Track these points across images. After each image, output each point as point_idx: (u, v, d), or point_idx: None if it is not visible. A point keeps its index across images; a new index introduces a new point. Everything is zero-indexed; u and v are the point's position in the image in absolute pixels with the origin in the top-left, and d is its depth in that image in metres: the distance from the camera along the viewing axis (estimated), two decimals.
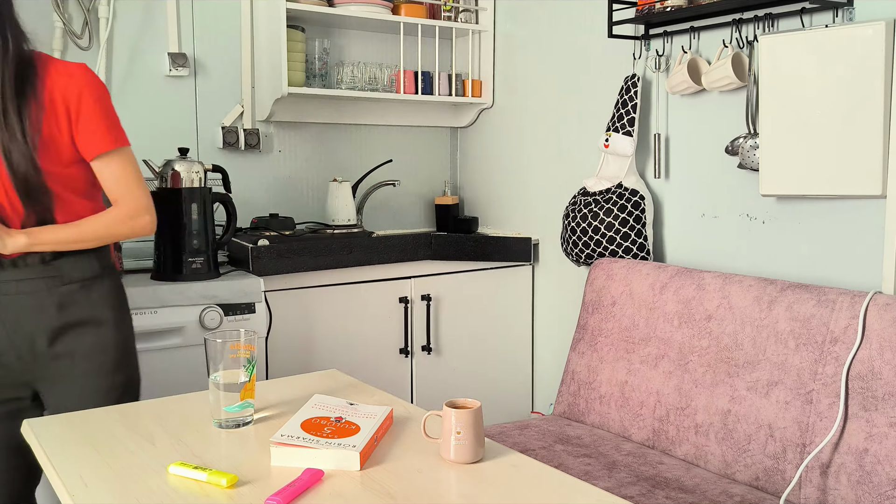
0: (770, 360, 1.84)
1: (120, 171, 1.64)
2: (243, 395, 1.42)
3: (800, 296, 1.84)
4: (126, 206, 1.65)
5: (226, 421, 1.41)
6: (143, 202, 1.68)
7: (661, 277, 2.14)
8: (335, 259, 2.55)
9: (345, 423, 1.34)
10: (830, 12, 1.99)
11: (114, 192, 1.65)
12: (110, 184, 1.65)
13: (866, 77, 1.83)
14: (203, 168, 2.34)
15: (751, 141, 2.13)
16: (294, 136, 3.01)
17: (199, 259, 2.30)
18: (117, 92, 2.65)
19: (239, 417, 1.42)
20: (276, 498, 1.11)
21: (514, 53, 3.08)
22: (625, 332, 2.18)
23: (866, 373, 1.67)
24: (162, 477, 1.22)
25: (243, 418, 1.43)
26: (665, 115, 2.46)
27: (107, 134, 1.61)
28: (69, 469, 1.25)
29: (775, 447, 1.79)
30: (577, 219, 2.46)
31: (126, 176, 1.65)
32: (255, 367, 1.45)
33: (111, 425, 1.44)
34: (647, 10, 2.31)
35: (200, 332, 2.21)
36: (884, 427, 1.63)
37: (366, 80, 2.95)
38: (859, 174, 1.87)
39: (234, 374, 1.41)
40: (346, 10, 2.82)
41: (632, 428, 2.10)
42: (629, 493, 1.77)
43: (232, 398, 1.41)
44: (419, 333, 2.76)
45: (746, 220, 2.26)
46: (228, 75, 2.84)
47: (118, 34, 2.64)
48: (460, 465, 1.27)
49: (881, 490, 1.60)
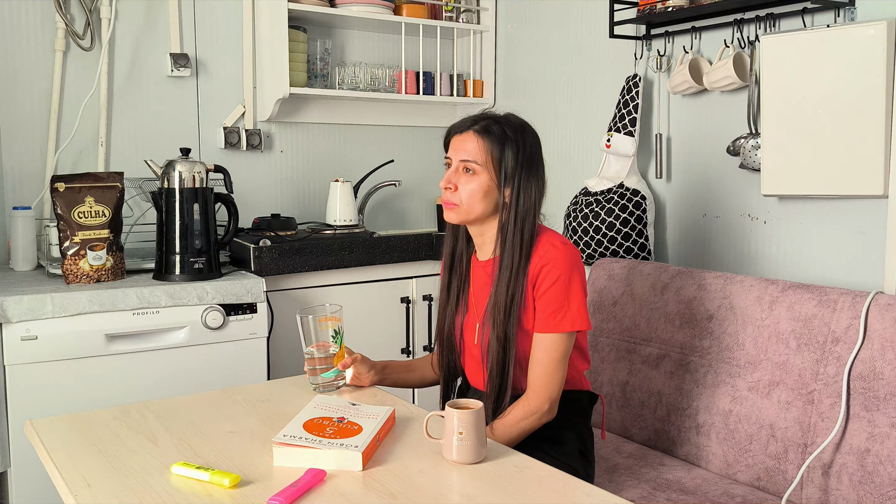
0: (771, 361, 1.84)
1: None
2: (336, 361, 1.62)
3: (801, 296, 1.84)
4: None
5: (324, 385, 1.63)
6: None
7: (663, 277, 2.14)
8: (336, 259, 2.55)
9: (347, 424, 1.35)
10: (832, 12, 1.99)
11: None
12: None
13: (868, 77, 1.83)
14: (205, 168, 2.34)
15: (752, 141, 2.13)
16: (295, 136, 3.01)
17: (200, 259, 2.30)
18: (119, 92, 2.65)
19: (334, 382, 1.64)
20: (278, 498, 1.12)
21: (516, 54, 3.08)
22: (626, 332, 2.18)
23: (868, 373, 1.67)
24: (164, 477, 1.22)
25: (337, 382, 1.64)
26: (666, 115, 2.46)
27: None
28: (72, 469, 1.25)
29: (777, 447, 1.79)
30: (579, 219, 2.46)
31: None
32: (343, 337, 1.65)
33: (114, 425, 1.44)
34: (648, 10, 2.31)
35: (202, 332, 2.21)
36: (885, 427, 1.63)
37: (367, 80, 2.96)
38: (861, 174, 1.87)
39: (324, 345, 1.61)
40: (348, 11, 2.82)
41: (633, 428, 2.10)
42: (630, 494, 1.78)
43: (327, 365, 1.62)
44: (421, 333, 2.76)
45: (748, 220, 2.26)
46: (230, 76, 2.85)
47: (120, 35, 2.64)
48: (462, 466, 1.27)
49: (883, 490, 1.60)
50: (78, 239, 2.20)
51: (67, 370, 2.07)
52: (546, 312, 1.58)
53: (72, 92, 2.57)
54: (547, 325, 1.58)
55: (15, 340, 2.00)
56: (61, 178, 2.22)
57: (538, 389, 1.58)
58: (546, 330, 1.58)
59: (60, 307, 2.05)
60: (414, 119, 3.23)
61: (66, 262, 2.20)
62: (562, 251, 1.59)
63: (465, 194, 1.60)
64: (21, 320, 2.00)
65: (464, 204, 1.60)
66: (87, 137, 2.60)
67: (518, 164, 1.59)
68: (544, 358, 1.58)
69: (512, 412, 1.58)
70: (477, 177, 1.59)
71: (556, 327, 1.58)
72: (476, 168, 1.59)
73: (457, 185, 1.60)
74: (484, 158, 1.59)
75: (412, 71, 3.01)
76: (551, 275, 1.57)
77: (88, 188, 2.24)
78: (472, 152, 1.59)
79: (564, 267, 1.58)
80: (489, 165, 1.59)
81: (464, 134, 1.62)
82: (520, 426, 1.57)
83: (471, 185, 1.59)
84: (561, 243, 1.61)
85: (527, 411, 1.57)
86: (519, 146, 1.60)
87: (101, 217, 2.24)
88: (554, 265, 1.58)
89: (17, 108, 2.50)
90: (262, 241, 2.47)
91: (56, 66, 2.53)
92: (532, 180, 1.61)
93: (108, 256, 2.24)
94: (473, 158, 1.59)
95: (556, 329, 1.58)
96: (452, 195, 1.61)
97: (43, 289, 2.10)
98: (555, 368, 1.58)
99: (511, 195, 1.60)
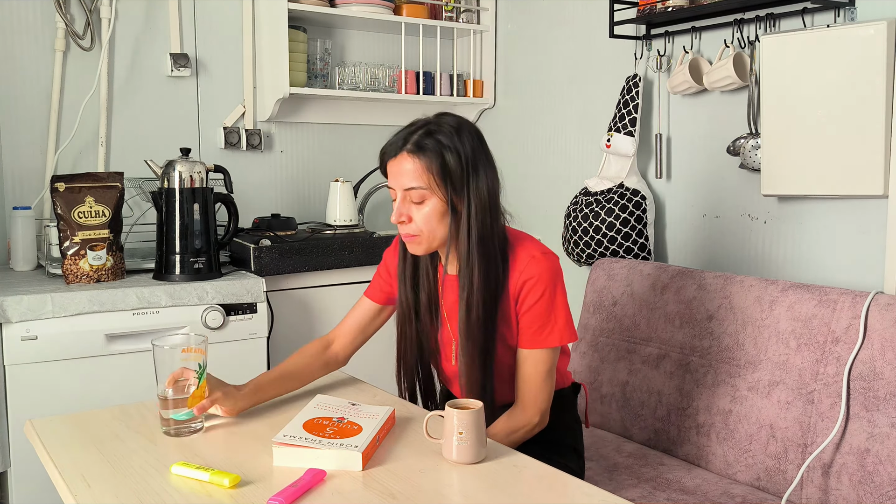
0: (771, 361, 1.84)
1: None
2: (191, 402, 1.38)
3: (801, 296, 1.84)
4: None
5: (175, 429, 1.39)
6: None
7: (663, 277, 2.14)
8: (336, 259, 2.55)
9: (347, 424, 1.35)
10: (832, 12, 1.99)
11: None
12: None
13: (868, 77, 1.83)
14: (205, 168, 2.34)
15: (752, 141, 2.13)
16: (296, 136, 3.01)
17: (200, 259, 2.30)
18: (119, 92, 2.65)
19: (188, 424, 1.39)
20: (278, 498, 1.12)
21: (516, 53, 3.08)
22: (626, 332, 2.18)
23: (868, 373, 1.67)
24: (164, 477, 1.22)
25: (193, 425, 1.40)
26: (667, 115, 2.46)
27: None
28: (72, 469, 1.25)
29: (777, 447, 1.79)
30: (579, 218, 2.46)
31: None
32: (205, 373, 1.40)
33: (114, 425, 1.44)
34: (648, 10, 2.31)
35: (203, 332, 2.21)
36: (885, 427, 1.62)
37: (367, 80, 2.96)
38: (861, 174, 1.86)
39: (184, 379, 1.38)
40: (348, 11, 2.82)
41: (633, 428, 2.10)
42: (630, 494, 1.78)
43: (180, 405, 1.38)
44: None
45: (748, 220, 2.26)
46: (230, 76, 2.85)
47: (120, 35, 2.64)
48: (462, 466, 1.27)
49: (883, 490, 1.60)
50: (78, 239, 2.20)
51: (67, 370, 2.07)
52: (532, 329, 1.51)
53: (72, 92, 2.57)
54: (533, 342, 1.52)
55: (15, 340, 2.00)
56: (61, 178, 2.22)
57: (528, 404, 1.53)
58: (532, 346, 1.52)
59: (60, 307, 2.05)
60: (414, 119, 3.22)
61: (66, 262, 2.20)
62: (543, 263, 1.51)
63: (422, 222, 1.47)
64: (21, 320, 2.00)
65: (424, 233, 1.48)
66: (87, 137, 2.60)
67: (462, 169, 1.46)
68: (533, 373, 1.52)
69: (499, 426, 1.51)
70: (426, 201, 1.46)
71: (542, 342, 1.51)
72: (423, 193, 1.46)
73: (409, 215, 1.48)
74: (427, 180, 1.45)
75: (412, 71, 3.01)
76: (535, 290, 1.49)
77: (88, 188, 2.24)
78: (412, 177, 1.45)
79: (548, 281, 1.50)
80: (434, 185, 1.45)
81: (397, 158, 1.47)
82: (510, 439, 1.50)
83: (423, 212, 1.47)
84: (541, 254, 1.52)
85: (516, 425, 1.52)
86: (458, 150, 1.46)
87: (101, 217, 2.25)
88: (538, 280, 1.49)
89: (17, 108, 2.50)
90: (262, 241, 2.47)
91: (56, 66, 2.53)
92: (480, 177, 1.48)
93: (108, 256, 2.24)
94: (416, 184, 1.45)
95: (542, 345, 1.51)
96: (409, 227, 1.49)
97: (43, 289, 2.11)
98: (543, 381, 1.53)
99: (464, 202, 1.48)
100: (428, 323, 1.62)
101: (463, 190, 1.47)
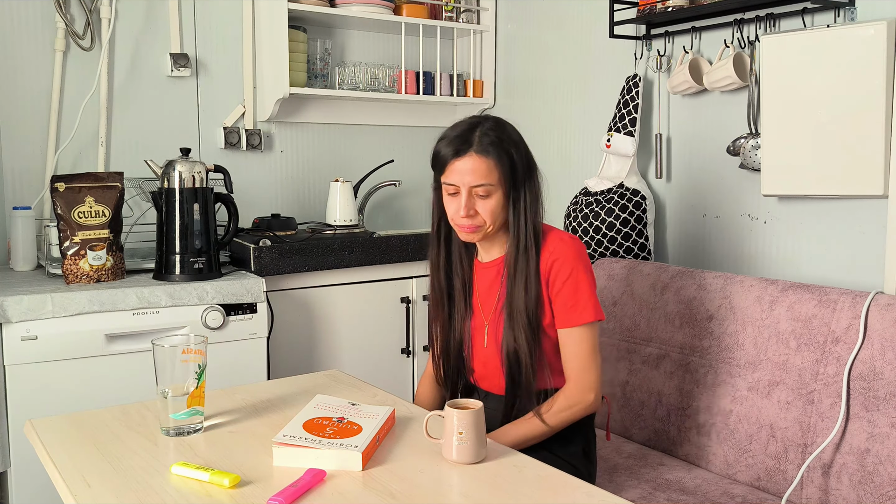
0: (771, 361, 1.84)
1: None
2: (190, 402, 1.38)
3: (801, 296, 1.84)
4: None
5: (175, 429, 1.39)
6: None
7: (663, 277, 2.14)
8: (337, 259, 2.55)
9: (347, 424, 1.35)
10: (832, 12, 1.99)
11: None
12: None
13: (868, 77, 1.83)
14: (205, 168, 2.34)
15: (752, 141, 2.13)
16: (296, 136, 3.01)
17: (200, 259, 2.30)
18: (119, 92, 2.65)
19: (188, 423, 1.39)
20: (278, 498, 1.12)
21: (516, 53, 3.08)
22: (626, 332, 2.18)
23: (868, 373, 1.67)
24: (164, 477, 1.22)
25: (192, 425, 1.40)
26: (667, 115, 2.46)
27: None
28: (72, 469, 1.25)
29: (777, 447, 1.79)
30: (579, 218, 2.46)
31: None
32: (205, 374, 1.40)
33: (114, 425, 1.44)
34: (648, 10, 2.31)
35: (202, 332, 2.21)
36: (885, 427, 1.62)
37: (367, 80, 2.96)
38: (861, 174, 1.86)
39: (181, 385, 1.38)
40: (348, 11, 2.82)
41: (633, 428, 2.10)
42: (630, 494, 1.78)
43: (179, 404, 1.37)
44: (421, 333, 2.76)
45: (748, 220, 2.26)
46: (230, 76, 2.84)
47: (120, 35, 2.64)
48: (462, 466, 1.27)
49: (883, 490, 1.60)
50: (78, 239, 2.20)
51: (67, 370, 2.07)
52: (566, 307, 1.60)
53: (72, 92, 2.57)
54: (570, 320, 1.60)
55: (15, 340, 2.00)
56: (61, 178, 2.22)
57: (577, 381, 1.61)
58: (570, 324, 1.60)
59: (60, 307, 2.05)
60: (414, 119, 3.23)
61: (66, 262, 2.20)
62: (570, 244, 1.62)
63: (487, 215, 1.59)
64: (21, 320, 2.00)
65: (488, 223, 1.60)
66: (87, 137, 2.60)
67: (523, 166, 1.61)
68: (577, 351, 1.60)
69: (556, 403, 1.60)
70: (492, 196, 1.58)
71: (578, 319, 1.60)
72: (489, 188, 1.57)
73: (475, 209, 1.59)
74: (496, 177, 1.57)
75: (412, 71, 3.00)
76: (564, 269, 1.59)
77: (88, 188, 2.24)
78: (483, 175, 1.57)
79: (574, 260, 1.60)
80: (501, 181, 1.58)
81: (464, 158, 1.57)
82: (561, 416, 1.60)
83: (490, 205, 1.59)
84: (568, 237, 1.64)
85: (568, 402, 1.60)
86: (517, 146, 1.61)
87: (101, 217, 2.24)
88: (564, 259, 1.60)
89: (17, 108, 2.50)
90: (262, 241, 2.47)
91: (56, 66, 2.53)
92: (534, 172, 1.64)
93: (108, 256, 2.24)
94: (486, 181, 1.57)
95: (579, 321, 1.60)
96: (475, 219, 1.60)
97: (43, 289, 2.10)
98: (589, 358, 1.61)
99: (522, 194, 1.61)
100: (462, 309, 1.71)
101: (522, 184, 1.61)
